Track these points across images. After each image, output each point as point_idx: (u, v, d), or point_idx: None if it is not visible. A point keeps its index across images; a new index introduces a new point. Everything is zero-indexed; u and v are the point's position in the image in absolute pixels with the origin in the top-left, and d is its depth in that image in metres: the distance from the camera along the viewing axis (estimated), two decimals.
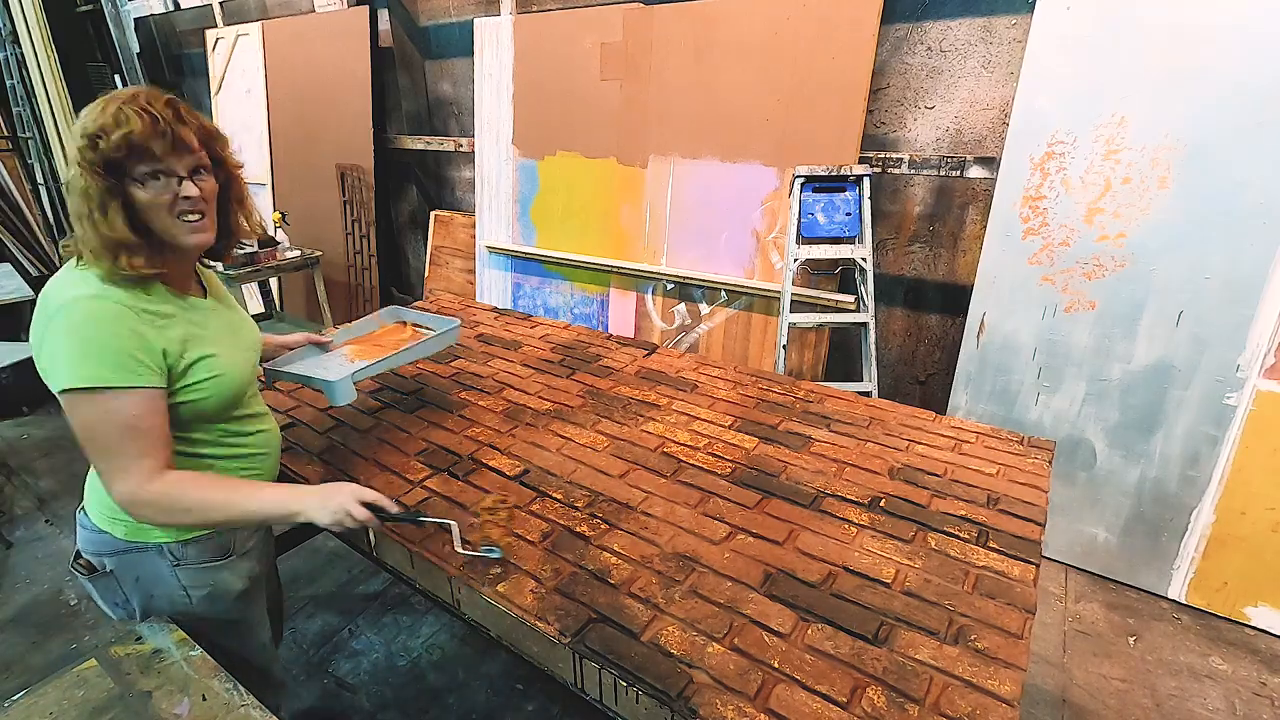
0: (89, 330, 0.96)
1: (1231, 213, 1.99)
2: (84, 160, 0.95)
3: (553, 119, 3.41)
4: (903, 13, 2.51)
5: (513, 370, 2.02)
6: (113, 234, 0.96)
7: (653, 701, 0.93)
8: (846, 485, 1.42)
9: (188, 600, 1.20)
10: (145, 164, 0.97)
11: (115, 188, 0.96)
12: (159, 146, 0.97)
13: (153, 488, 1.02)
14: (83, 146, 0.95)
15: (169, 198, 1.00)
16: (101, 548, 1.16)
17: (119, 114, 0.95)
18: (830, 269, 2.78)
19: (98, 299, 0.97)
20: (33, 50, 5.67)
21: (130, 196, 0.98)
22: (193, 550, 1.17)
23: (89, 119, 0.96)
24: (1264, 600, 2.17)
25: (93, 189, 0.95)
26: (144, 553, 1.15)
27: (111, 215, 0.96)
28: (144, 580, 1.18)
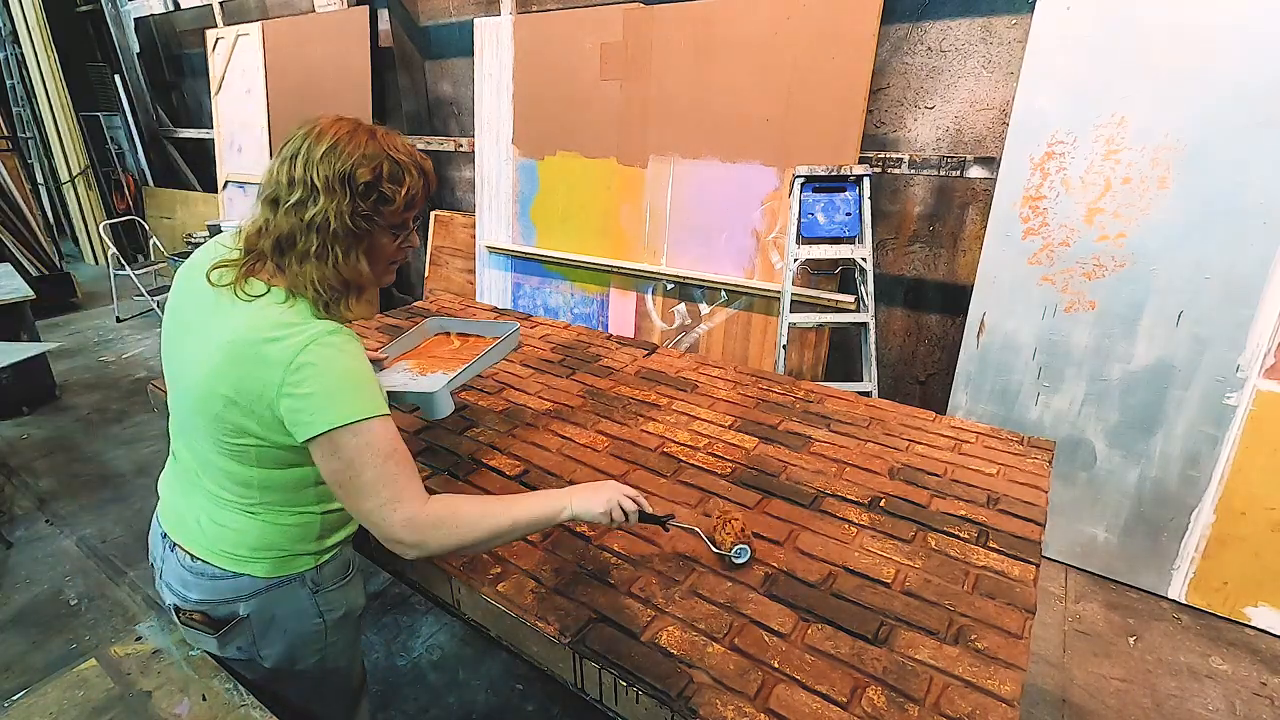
0: (346, 365, 0.94)
1: (1231, 213, 1.99)
2: (350, 201, 0.92)
3: (553, 119, 3.41)
4: (903, 13, 2.51)
5: (513, 370, 2.02)
6: (356, 276, 0.96)
7: (653, 701, 0.93)
8: (846, 485, 1.42)
9: (322, 625, 1.13)
10: (406, 216, 0.99)
11: (365, 232, 0.96)
12: (419, 205, 1.00)
13: (430, 509, 0.97)
14: (359, 189, 0.93)
15: (396, 250, 1.02)
16: (238, 592, 1.06)
17: (401, 173, 0.96)
18: (830, 269, 2.78)
19: (338, 334, 0.95)
20: (33, 50, 5.67)
21: (375, 241, 0.98)
22: (328, 571, 1.12)
23: (360, 160, 0.93)
24: (1264, 600, 2.17)
25: (347, 230, 0.93)
26: (286, 587, 1.08)
27: (357, 257, 0.96)
28: (281, 617, 1.09)
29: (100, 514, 2.79)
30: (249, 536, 1.04)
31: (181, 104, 6.24)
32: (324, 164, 0.91)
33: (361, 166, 0.92)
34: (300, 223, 0.92)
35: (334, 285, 0.95)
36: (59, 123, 5.89)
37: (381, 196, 0.94)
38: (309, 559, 1.09)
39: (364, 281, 0.98)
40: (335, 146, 0.92)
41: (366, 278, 0.98)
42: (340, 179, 0.91)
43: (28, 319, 3.60)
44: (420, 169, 0.99)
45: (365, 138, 0.94)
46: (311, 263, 0.93)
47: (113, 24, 5.99)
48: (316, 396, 0.91)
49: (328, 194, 0.91)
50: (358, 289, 0.98)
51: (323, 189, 0.91)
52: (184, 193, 5.99)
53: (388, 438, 0.95)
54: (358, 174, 0.92)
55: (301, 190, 0.91)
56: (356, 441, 0.92)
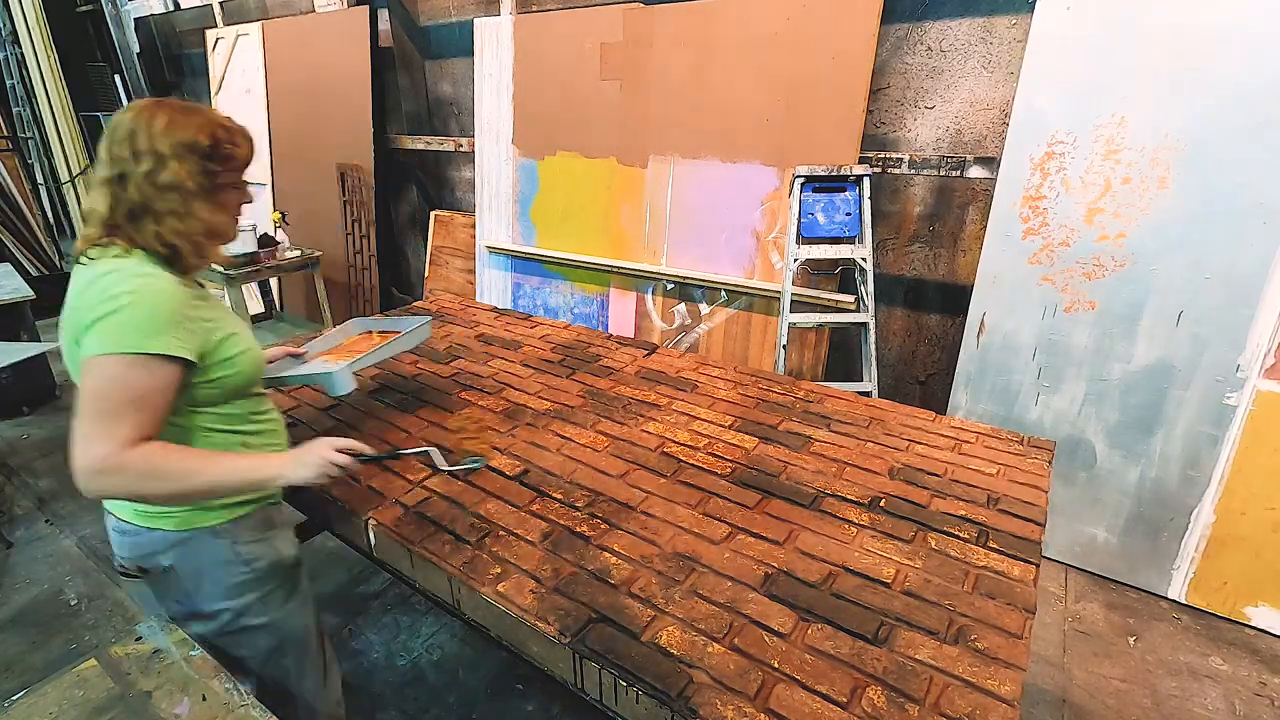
0: (149, 303, 1.02)
1: (1231, 213, 1.99)
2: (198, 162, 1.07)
3: (553, 119, 3.41)
4: (903, 13, 2.51)
5: (513, 370, 2.02)
6: (218, 224, 1.12)
7: (653, 701, 0.93)
8: (846, 485, 1.42)
9: (252, 574, 1.22)
10: (238, 174, 1.16)
11: (211, 188, 1.10)
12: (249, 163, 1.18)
13: (131, 453, 1.02)
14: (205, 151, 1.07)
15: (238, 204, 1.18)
16: (155, 546, 1.17)
17: (233, 135, 1.12)
18: (830, 269, 2.78)
19: (155, 279, 1.05)
20: (33, 50, 5.67)
21: (220, 198, 1.13)
22: (245, 525, 1.22)
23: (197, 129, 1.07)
24: (1264, 600, 2.17)
25: (200, 187, 1.08)
26: (200, 539, 1.17)
27: (208, 212, 1.10)
28: (206, 567, 1.19)
29: (100, 514, 2.78)
30: None
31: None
32: (166, 135, 1.05)
33: (201, 133, 1.07)
34: (154, 189, 1.05)
35: (200, 235, 1.09)
36: (59, 123, 5.89)
37: (225, 155, 1.10)
38: (218, 513, 1.18)
39: (225, 229, 1.15)
40: (172, 120, 1.06)
41: (226, 225, 1.15)
42: (186, 146, 1.06)
43: (28, 319, 3.60)
44: (244, 134, 1.16)
45: (192, 112, 1.09)
46: (171, 220, 1.06)
47: (113, 24, 5.99)
48: (99, 325, 1.00)
49: (177, 159, 1.05)
50: (220, 236, 1.14)
51: (171, 156, 1.04)
52: None
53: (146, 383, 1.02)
54: (199, 140, 1.07)
55: (150, 161, 1.04)
56: (99, 373, 1.00)
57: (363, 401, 1.80)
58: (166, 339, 1.02)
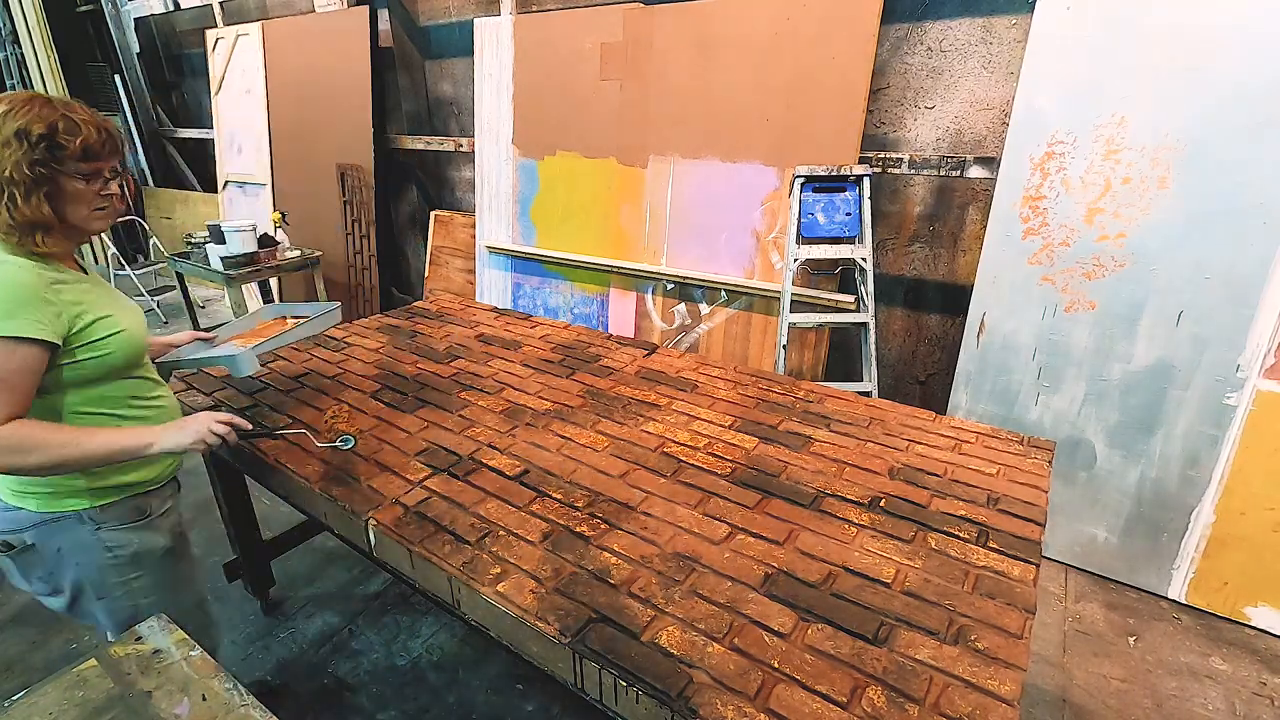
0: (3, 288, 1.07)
1: (1231, 213, 1.99)
2: (24, 152, 1.07)
3: (553, 119, 3.41)
4: (903, 13, 2.51)
5: (513, 370, 2.02)
6: (35, 216, 1.10)
7: (653, 701, 0.93)
8: (846, 485, 1.42)
9: (115, 559, 1.27)
10: (93, 165, 1.14)
11: (45, 178, 1.10)
12: (103, 154, 1.15)
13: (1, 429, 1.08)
14: (34, 141, 1.07)
15: (94, 194, 1.16)
16: (18, 524, 1.23)
17: (76, 126, 1.10)
18: (830, 269, 2.78)
19: (6, 263, 1.10)
20: (33, 50, 5.68)
21: (60, 187, 1.12)
22: (111, 513, 1.26)
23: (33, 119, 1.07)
24: (1264, 600, 2.17)
25: (24, 177, 1.08)
26: (62, 522, 1.23)
27: (37, 201, 1.10)
28: (66, 550, 1.25)
29: None
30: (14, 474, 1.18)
31: (181, 104, 6.24)
32: (2, 124, 1.07)
33: (36, 123, 1.07)
34: None
35: (16, 224, 1.10)
36: None
37: (57, 145, 1.09)
38: (82, 499, 1.23)
39: (48, 221, 1.12)
40: (11, 110, 1.08)
41: (49, 217, 1.12)
42: (15, 134, 1.06)
43: None
44: (100, 126, 1.15)
45: (42, 103, 1.10)
46: None
47: (113, 24, 5.99)
48: None
49: (4, 147, 1.06)
50: (44, 227, 1.12)
51: (2, 144, 1.06)
52: (184, 193, 5.99)
53: (12, 364, 1.07)
54: (32, 129, 1.07)
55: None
56: None
57: (363, 402, 1.80)
58: (20, 321, 1.06)
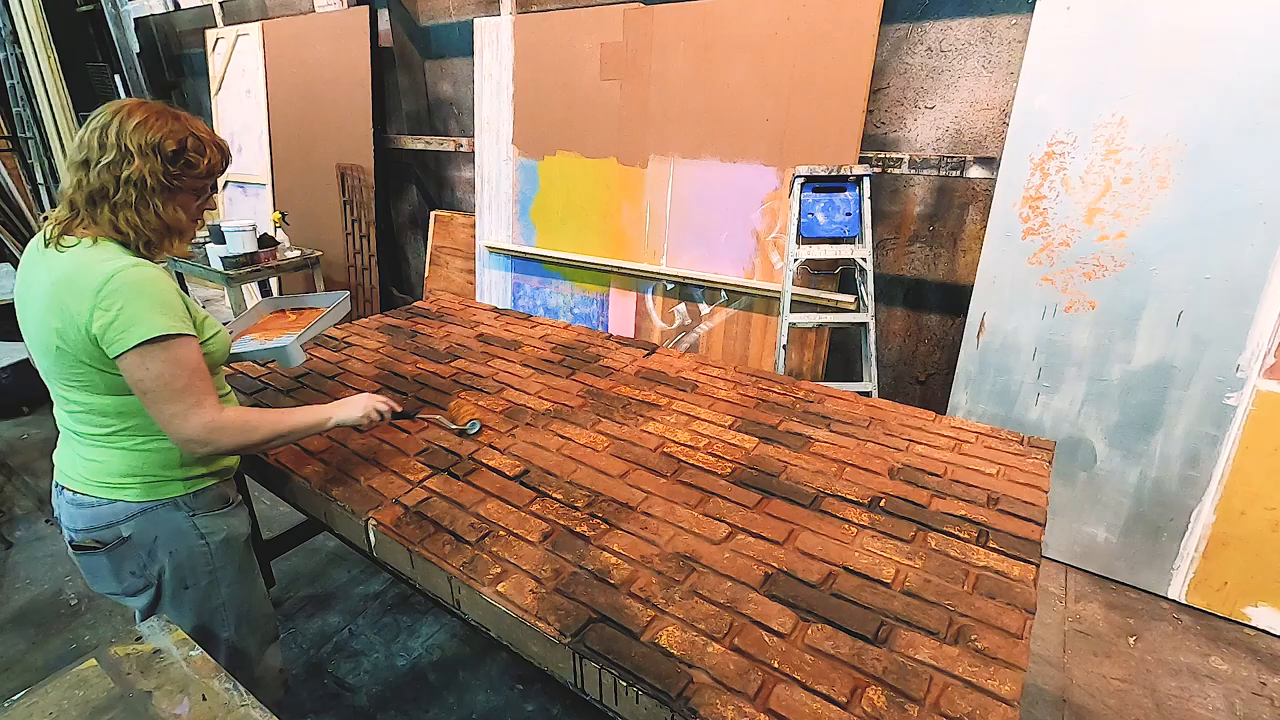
0: (151, 289, 1.12)
1: (1231, 213, 1.99)
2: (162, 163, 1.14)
3: (553, 119, 3.41)
4: (903, 13, 2.51)
5: (513, 370, 2.02)
6: (176, 222, 1.19)
7: (653, 701, 0.93)
8: (846, 485, 1.42)
9: (207, 548, 1.31)
10: (207, 181, 1.23)
11: (178, 189, 1.18)
12: (219, 172, 1.25)
13: (226, 414, 1.20)
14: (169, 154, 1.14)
15: (198, 206, 1.25)
16: (115, 516, 1.24)
17: (203, 146, 1.19)
18: (830, 269, 2.78)
19: (143, 266, 1.13)
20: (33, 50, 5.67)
21: (178, 200, 1.19)
22: (203, 500, 1.31)
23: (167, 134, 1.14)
24: (1264, 600, 2.17)
25: (160, 185, 1.15)
26: (161, 510, 1.26)
27: (174, 208, 1.18)
28: (164, 537, 1.27)
29: None
30: (114, 465, 1.22)
31: (181, 104, 6.23)
32: (136, 134, 1.12)
33: (169, 139, 1.14)
34: (114, 179, 1.12)
35: (155, 229, 1.16)
36: (59, 123, 5.88)
37: (188, 162, 1.17)
38: (178, 485, 1.27)
39: (182, 227, 1.21)
40: (145, 121, 1.13)
41: (184, 223, 1.21)
42: (151, 146, 1.13)
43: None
44: (218, 146, 1.23)
45: (170, 117, 1.17)
46: (128, 210, 1.13)
47: (113, 24, 5.99)
48: (125, 315, 1.08)
49: (141, 157, 1.12)
50: (178, 232, 1.20)
51: (135, 153, 1.12)
52: None
53: (194, 355, 1.16)
54: (165, 144, 1.14)
55: (115, 153, 1.12)
56: (166, 355, 1.11)
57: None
58: (181, 320, 1.14)
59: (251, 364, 2.05)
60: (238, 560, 1.38)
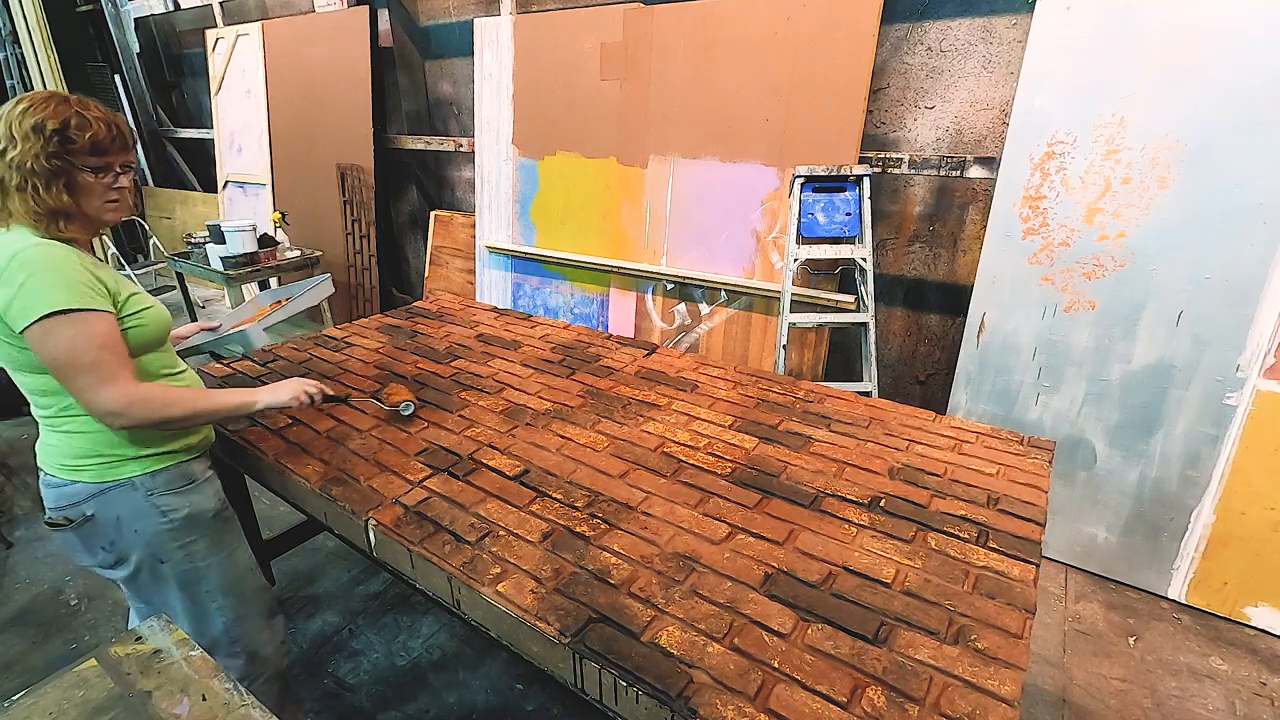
0: (53, 266, 1.14)
1: (1231, 213, 1.99)
2: (42, 145, 1.14)
3: (553, 119, 3.41)
4: (903, 13, 2.51)
5: (513, 370, 2.02)
6: (57, 205, 1.17)
7: (653, 701, 0.93)
8: (846, 485, 1.42)
9: (169, 525, 1.34)
10: (101, 159, 1.20)
11: (61, 170, 1.17)
12: (111, 149, 1.21)
13: (141, 389, 1.21)
14: (49, 135, 1.14)
15: (105, 187, 1.22)
16: (76, 497, 1.28)
17: (86, 122, 1.17)
18: (830, 269, 2.78)
19: (46, 245, 1.16)
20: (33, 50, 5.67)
21: (74, 179, 1.18)
22: (161, 479, 1.33)
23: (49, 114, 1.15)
24: (1264, 600, 2.17)
25: (43, 168, 1.15)
26: (117, 490, 1.29)
27: (56, 190, 1.17)
28: (125, 517, 1.31)
29: None
30: (66, 448, 1.27)
31: (181, 104, 6.23)
32: (21, 119, 1.14)
33: (51, 119, 1.15)
34: (7, 166, 1.15)
35: (40, 212, 1.16)
36: None
37: (68, 138, 1.16)
38: (133, 465, 1.30)
39: (68, 208, 1.19)
40: (31, 107, 1.16)
41: (69, 205, 1.19)
42: (33, 128, 1.14)
43: None
44: (109, 122, 1.21)
45: (58, 101, 1.18)
46: (18, 195, 1.15)
47: (113, 24, 5.99)
48: (25, 291, 1.11)
49: (24, 140, 1.14)
50: (65, 215, 1.19)
51: (20, 138, 1.14)
52: (184, 193, 5.99)
53: (102, 329, 1.16)
54: (47, 124, 1.14)
55: (4, 142, 1.15)
56: (71, 330, 1.13)
57: (363, 402, 1.79)
58: (87, 294, 1.15)
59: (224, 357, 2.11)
60: (209, 535, 1.40)
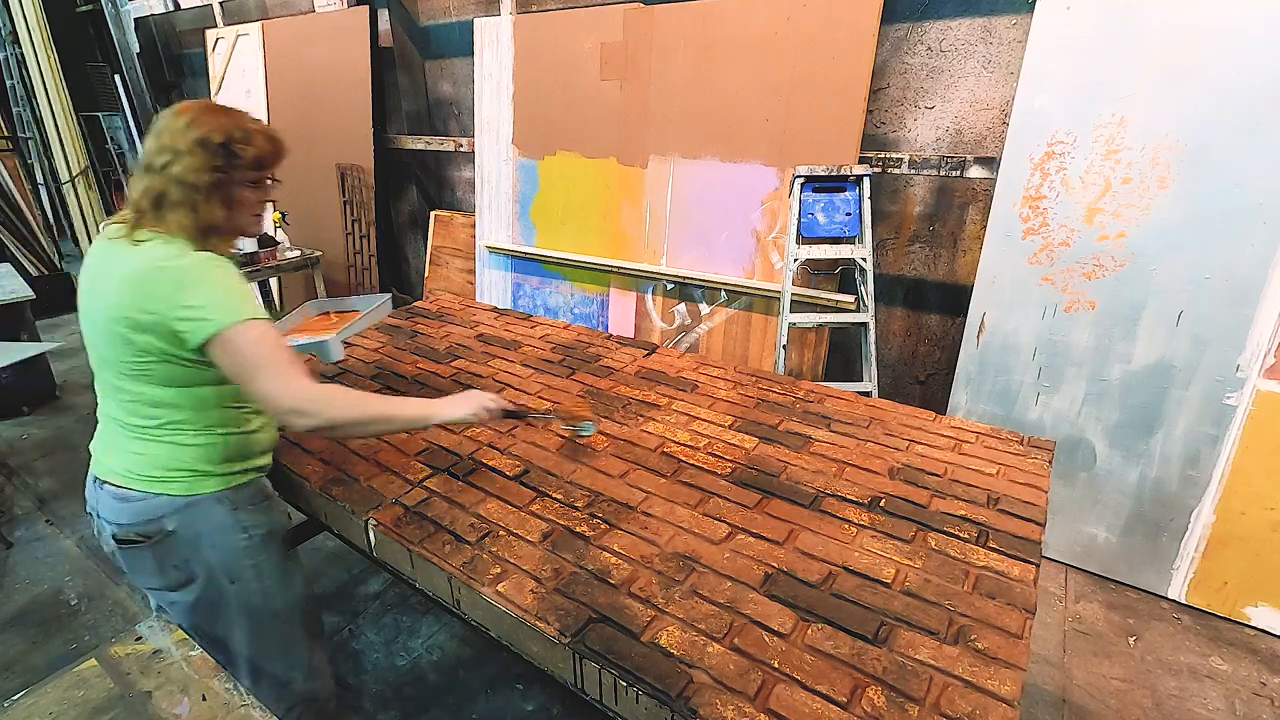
0: (228, 277, 1.16)
1: (1231, 213, 1.99)
2: (206, 159, 1.15)
3: (553, 119, 3.41)
4: (903, 13, 2.51)
5: (513, 370, 2.02)
6: (213, 219, 1.18)
7: (653, 701, 0.93)
8: (846, 485, 1.42)
9: (249, 540, 1.30)
10: (259, 173, 1.23)
11: (224, 183, 1.17)
12: (269, 163, 1.24)
13: (324, 387, 1.21)
14: (214, 149, 1.15)
15: (257, 201, 1.25)
16: (160, 510, 1.23)
17: (249, 135, 1.18)
18: (830, 269, 2.78)
19: (216, 259, 1.17)
20: (33, 50, 5.67)
21: (231, 193, 1.19)
22: (244, 494, 1.30)
23: (215, 127, 1.15)
24: (1264, 600, 2.17)
25: (205, 182, 1.15)
26: (205, 503, 1.26)
27: (214, 205, 1.17)
28: (205, 532, 1.26)
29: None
30: (160, 459, 1.22)
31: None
32: (185, 132, 1.14)
33: (215, 132, 1.15)
34: (169, 179, 1.14)
35: (197, 226, 1.16)
36: (59, 123, 5.89)
37: (233, 153, 1.17)
38: (219, 480, 1.27)
39: (221, 224, 1.19)
40: (194, 119, 1.15)
41: (223, 219, 1.19)
42: (198, 142, 1.14)
43: (28, 319, 3.60)
44: (268, 136, 1.23)
45: (219, 112, 1.19)
46: (182, 211, 1.15)
47: (113, 24, 5.99)
48: (206, 306, 1.11)
49: (190, 155, 1.14)
50: (217, 230, 1.19)
51: (185, 151, 1.14)
52: None
53: (274, 335, 1.17)
54: (211, 137, 1.15)
55: (168, 155, 1.14)
56: (249, 336, 1.13)
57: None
58: (256, 304, 1.16)
59: None
60: (278, 556, 1.37)
